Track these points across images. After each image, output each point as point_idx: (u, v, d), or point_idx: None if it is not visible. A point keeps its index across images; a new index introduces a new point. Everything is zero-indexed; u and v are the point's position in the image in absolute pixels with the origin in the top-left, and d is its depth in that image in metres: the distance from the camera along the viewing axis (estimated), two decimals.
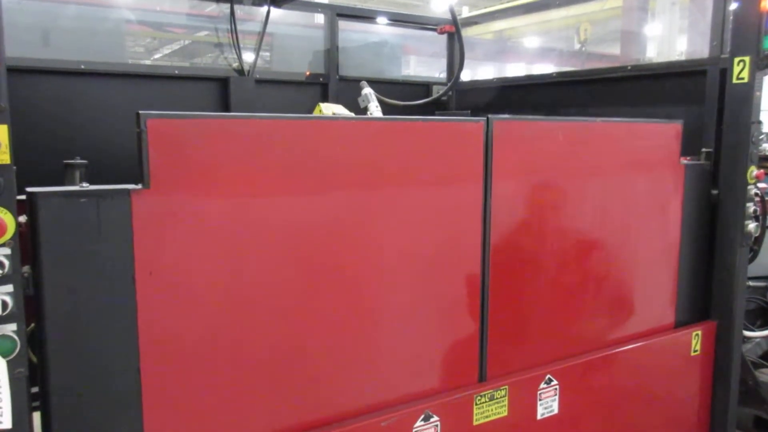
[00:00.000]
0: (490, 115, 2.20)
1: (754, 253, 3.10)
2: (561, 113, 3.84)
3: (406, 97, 4.00)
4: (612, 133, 2.62)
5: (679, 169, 2.83)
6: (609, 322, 2.69)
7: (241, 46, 3.85)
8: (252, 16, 4.18)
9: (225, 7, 3.87)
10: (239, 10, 3.92)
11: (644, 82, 3.40)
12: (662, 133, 2.77)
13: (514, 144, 2.29)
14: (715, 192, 2.93)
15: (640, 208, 2.73)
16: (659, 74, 3.34)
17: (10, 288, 1.46)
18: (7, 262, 1.44)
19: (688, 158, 2.98)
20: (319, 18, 4.35)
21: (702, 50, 3.19)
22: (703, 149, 2.96)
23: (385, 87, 3.87)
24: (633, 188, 2.68)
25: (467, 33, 4.60)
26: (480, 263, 2.24)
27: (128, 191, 1.59)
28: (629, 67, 3.48)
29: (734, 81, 2.77)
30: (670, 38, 11.06)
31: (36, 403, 1.59)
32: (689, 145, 3.07)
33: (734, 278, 2.88)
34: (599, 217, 2.59)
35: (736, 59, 2.74)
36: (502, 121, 2.23)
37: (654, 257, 2.82)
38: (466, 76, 4.34)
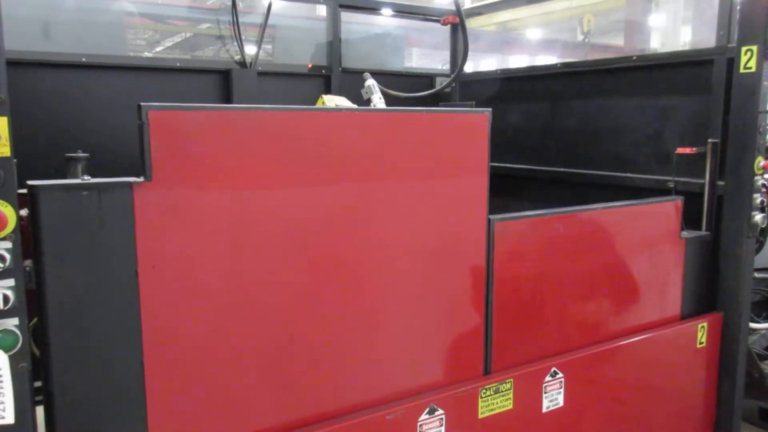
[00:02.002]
0: (491, 216, 2.22)
1: (761, 245, 3.08)
2: (565, 104, 3.82)
3: (410, 88, 3.97)
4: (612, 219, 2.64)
5: (680, 244, 2.85)
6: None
7: (243, 38, 3.83)
8: (253, 9, 4.16)
9: (226, 0, 3.85)
10: (241, 2, 3.89)
11: (650, 73, 3.36)
12: (663, 211, 2.79)
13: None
14: (721, 183, 2.90)
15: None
16: (665, 64, 3.31)
17: (11, 282, 1.45)
18: (8, 256, 1.44)
19: (694, 149, 2.97)
20: (322, 9, 4.32)
21: (708, 40, 3.15)
22: (710, 140, 2.94)
23: (388, 79, 3.84)
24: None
25: (470, 24, 4.56)
26: (485, 255, 2.23)
27: (130, 184, 1.58)
28: (634, 57, 3.45)
29: (741, 71, 2.74)
30: (675, 29, 11.00)
31: (39, 398, 1.59)
32: (695, 136, 3.05)
33: (740, 270, 2.86)
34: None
35: (744, 48, 2.71)
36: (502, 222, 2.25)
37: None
38: (469, 67, 4.30)
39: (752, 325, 3.28)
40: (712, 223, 2.97)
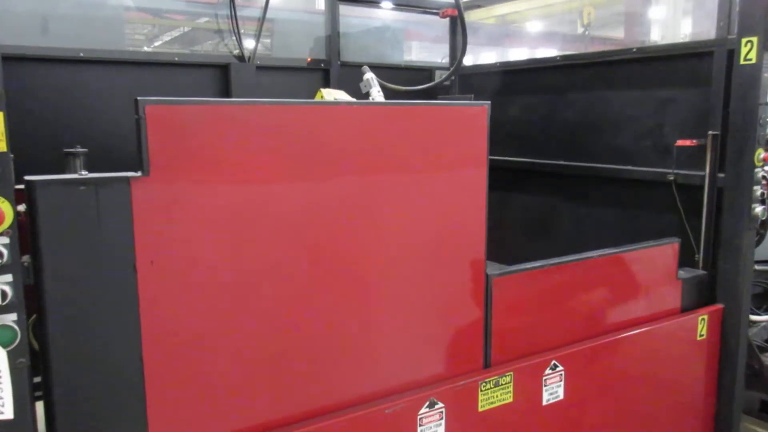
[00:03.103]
0: (489, 272, 2.24)
1: (761, 237, 3.07)
2: (565, 97, 3.80)
3: (409, 82, 3.96)
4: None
5: (677, 285, 2.87)
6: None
7: (242, 32, 3.82)
8: (252, 2, 4.14)
9: None
10: None
11: (650, 65, 3.35)
12: (660, 254, 2.81)
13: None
14: (721, 175, 2.90)
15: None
16: (665, 56, 3.29)
17: (9, 278, 1.45)
18: (5, 252, 1.43)
19: (694, 141, 2.96)
20: (320, 3, 4.30)
21: (708, 31, 3.14)
22: (710, 132, 2.93)
23: (387, 72, 3.83)
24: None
25: (469, 18, 4.55)
26: (484, 248, 2.22)
27: (128, 179, 1.57)
28: (634, 50, 3.43)
29: (741, 62, 2.73)
30: (675, 20, 10.97)
31: (39, 393, 1.59)
32: (696, 129, 3.04)
33: (740, 262, 2.86)
34: None
35: (744, 40, 2.70)
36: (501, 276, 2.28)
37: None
38: (468, 61, 4.28)
39: (752, 317, 3.27)
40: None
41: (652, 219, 3.31)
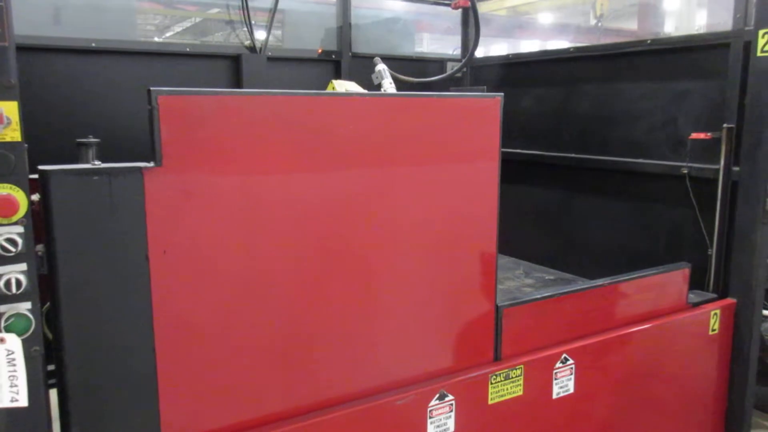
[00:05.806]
0: (499, 303, 2.26)
1: None
2: (578, 90, 3.77)
3: (421, 74, 3.95)
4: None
5: (687, 308, 2.86)
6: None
7: (253, 23, 3.81)
8: None
9: None
10: None
11: (664, 57, 3.31)
12: (670, 281, 2.80)
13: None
14: (736, 169, 2.87)
15: None
16: (680, 48, 3.26)
17: (23, 266, 1.46)
18: (20, 241, 1.44)
19: (709, 134, 2.93)
20: None
21: (724, 23, 3.10)
22: (725, 125, 2.90)
23: (398, 64, 3.82)
24: None
25: (481, 9, 4.51)
26: (495, 241, 2.21)
27: (140, 169, 1.57)
28: (649, 41, 3.40)
29: (759, 54, 2.69)
30: (689, 12, 10.84)
31: (53, 381, 1.60)
32: (710, 122, 3.01)
33: (754, 256, 2.83)
34: None
35: (761, 32, 2.66)
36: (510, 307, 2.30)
37: None
38: (479, 52, 4.26)
39: (765, 312, 3.25)
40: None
41: (665, 213, 3.28)
